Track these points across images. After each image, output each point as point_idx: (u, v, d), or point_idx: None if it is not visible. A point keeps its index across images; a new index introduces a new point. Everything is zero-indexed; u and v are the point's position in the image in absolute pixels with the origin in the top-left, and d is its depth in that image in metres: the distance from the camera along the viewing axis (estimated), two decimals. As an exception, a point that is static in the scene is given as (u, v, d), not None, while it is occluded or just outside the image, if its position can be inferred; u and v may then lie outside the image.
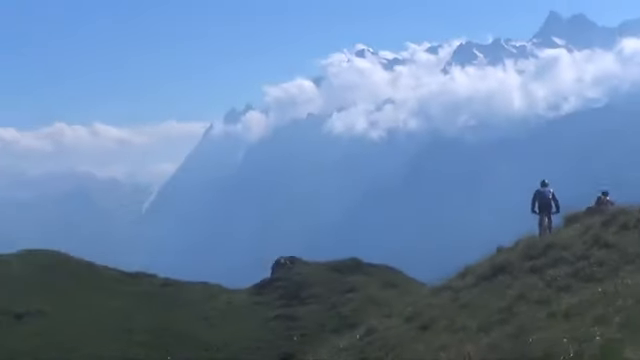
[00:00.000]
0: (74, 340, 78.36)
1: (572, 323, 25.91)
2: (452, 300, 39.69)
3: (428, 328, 34.97)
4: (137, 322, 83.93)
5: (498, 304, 34.68)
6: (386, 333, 37.29)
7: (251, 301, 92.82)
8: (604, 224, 41.13)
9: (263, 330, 79.25)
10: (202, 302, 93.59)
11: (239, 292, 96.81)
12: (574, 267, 36.53)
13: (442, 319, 36.15)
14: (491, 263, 41.97)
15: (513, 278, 38.40)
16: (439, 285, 46.55)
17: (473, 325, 33.15)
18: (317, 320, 75.99)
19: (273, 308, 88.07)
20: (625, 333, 22.81)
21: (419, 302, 44.75)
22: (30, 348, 77.91)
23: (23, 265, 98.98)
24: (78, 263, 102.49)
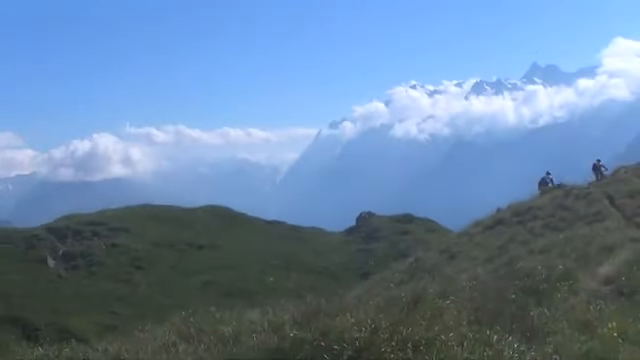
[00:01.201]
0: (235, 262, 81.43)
1: (544, 256, 25.59)
2: (468, 240, 40.80)
3: (454, 258, 36.43)
4: (272, 252, 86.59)
5: (497, 244, 36.03)
6: (427, 261, 38.67)
7: (343, 240, 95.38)
8: (565, 195, 42.66)
9: (350, 258, 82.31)
10: (313, 240, 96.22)
11: (336, 234, 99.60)
12: (545, 221, 38.01)
13: (462, 252, 37.58)
14: (493, 218, 43.32)
15: (507, 228, 39.83)
16: (460, 231, 47.50)
17: (481, 257, 34.12)
18: (384, 252, 78.54)
19: (357, 245, 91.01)
20: (578, 264, 22.93)
21: (448, 242, 45.81)
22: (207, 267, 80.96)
23: (204, 214, 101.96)
24: (237, 214, 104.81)
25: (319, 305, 13.41)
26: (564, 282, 18.83)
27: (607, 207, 37.56)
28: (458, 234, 47.70)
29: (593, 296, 18.40)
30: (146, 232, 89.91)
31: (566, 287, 18.22)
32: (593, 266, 22.85)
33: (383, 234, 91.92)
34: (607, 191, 41.28)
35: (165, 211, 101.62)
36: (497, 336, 10.66)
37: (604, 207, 37.63)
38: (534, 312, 13.78)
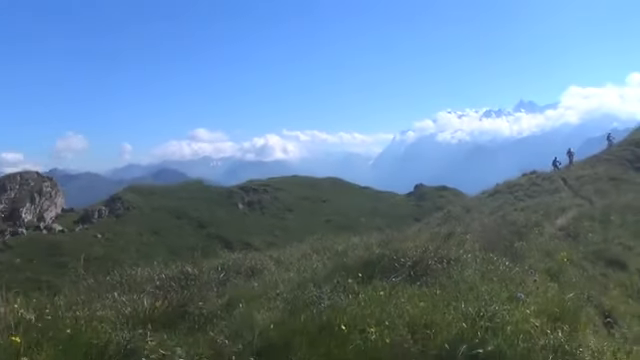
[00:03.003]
0: (343, 210, 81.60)
1: (524, 212, 25.00)
2: (479, 202, 40.18)
3: (469, 212, 35.78)
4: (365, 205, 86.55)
5: (495, 204, 35.41)
6: (454, 213, 38.20)
7: (405, 200, 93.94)
8: (537, 177, 42.06)
9: (410, 210, 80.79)
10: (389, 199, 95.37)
11: (402, 196, 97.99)
12: (525, 192, 37.31)
13: (475, 209, 36.87)
14: (494, 189, 42.52)
15: (502, 195, 39.12)
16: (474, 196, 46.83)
17: (486, 212, 33.03)
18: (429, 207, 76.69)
19: (413, 202, 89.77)
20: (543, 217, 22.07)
21: (467, 202, 45.22)
22: (328, 212, 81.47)
23: (327, 182, 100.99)
24: (345, 182, 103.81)
25: (392, 235, 13.45)
26: (535, 228, 18.68)
27: (562, 185, 36.97)
28: (473, 198, 47.18)
29: (552, 236, 18.21)
30: (294, 191, 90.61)
31: (536, 231, 18.02)
32: (552, 219, 22.50)
33: (428, 197, 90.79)
34: (562, 176, 40.70)
35: (305, 180, 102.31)
36: (496, 257, 10.60)
37: (560, 185, 37.06)
38: (517, 244, 13.67)
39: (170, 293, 7.52)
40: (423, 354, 5.51)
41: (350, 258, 10.04)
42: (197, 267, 9.66)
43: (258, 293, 7.54)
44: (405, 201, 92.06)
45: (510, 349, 5.82)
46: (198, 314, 6.44)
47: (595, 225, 20.98)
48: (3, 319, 5.96)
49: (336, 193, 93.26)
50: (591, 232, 19.51)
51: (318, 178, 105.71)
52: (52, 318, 5.89)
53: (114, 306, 6.89)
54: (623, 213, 23.52)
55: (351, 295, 7.19)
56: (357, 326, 5.86)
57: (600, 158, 46.27)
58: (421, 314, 6.52)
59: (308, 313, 6.25)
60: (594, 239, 18.55)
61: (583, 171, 41.55)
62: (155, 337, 5.35)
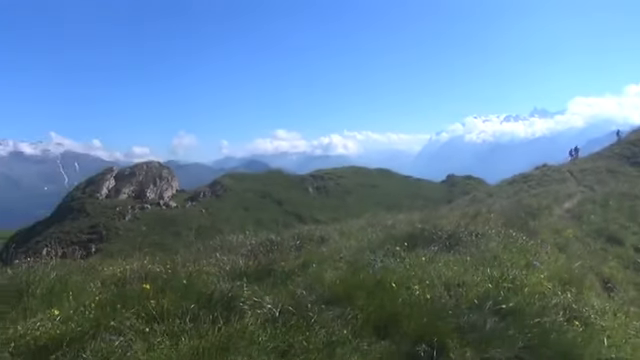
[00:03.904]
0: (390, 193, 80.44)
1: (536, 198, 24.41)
2: (499, 189, 39.08)
3: (491, 196, 34.74)
4: (406, 190, 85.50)
5: (513, 191, 34.39)
6: (478, 197, 37.33)
7: (439, 186, 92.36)
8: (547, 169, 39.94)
9: (443, 194, 78.86)
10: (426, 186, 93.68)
11: (437, 183, 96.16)
12: (537, 182, 35.75)
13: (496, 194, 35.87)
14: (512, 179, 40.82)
15: (518, 184, 37.76)
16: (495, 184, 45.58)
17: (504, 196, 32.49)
18: (458, 192, 74.81)
19: (446, 188, 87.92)
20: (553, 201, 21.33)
21: (489, 189, 44.02)
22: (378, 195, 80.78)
23: (378, 172, 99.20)
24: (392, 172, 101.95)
25: (430, 214, 13.24)
26: (546, 210, 18.09)
27: (568, 176, 35.41)
28: (494, 186, 45.79)
29: (560, 217, 17.68)
30: (352, 178, 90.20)
31: (547, 212, 17.50)
32: (560, 203, 21.67)
33: (458, 184, 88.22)
34: (569, 169, 39.00)
35: (361, 170, 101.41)
36: (514, 233, 10.30)
37: (567, 176, 35.48)
38: (532, 223, 13.27)
39: (259, 255, 7.65)
40: (457, 307, 5.43)
41: (397, 231, 10.00)
42: (279, 235, 9.79)
43: (326, 256, 7.56)
44: (439, 187, 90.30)
45: (528, 306, 5.72)
46: (280, 272, 6.50)
47: (596, 208, 20.23)
48: (137, 271, 6.20)
49: (384, 181, 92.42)
50: (593, 214, 18.81)
51: (370, 169, 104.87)
52: (172, 271, 6.07)
53: (217, 264, 7.04)
54: (620, 199, 22.62)
55: (398, 259, 7.21)
56: (404, 284, 5.84)
57: (601, 155, 44.24)
58: (455, 276, 6.49)
59: (365, 272, 6.26)
60: (595, 220, 17.90)
61: (586, 165, 39.82)
62: (249, 288, 5.43)
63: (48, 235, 63.17)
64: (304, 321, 4.71)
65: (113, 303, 4.81)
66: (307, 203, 77.06)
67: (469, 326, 5.04)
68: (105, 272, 6.79)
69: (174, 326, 4.39)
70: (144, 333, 4.23)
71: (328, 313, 4.94)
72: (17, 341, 4.07)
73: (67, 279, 5.74)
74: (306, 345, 4.26)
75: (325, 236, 10.22)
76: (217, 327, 4.35)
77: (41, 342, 4.06)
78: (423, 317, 4.99)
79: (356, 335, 4.62)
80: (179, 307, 4.70)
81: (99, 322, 4.33)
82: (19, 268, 5.72)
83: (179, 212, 69.91)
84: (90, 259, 9.61)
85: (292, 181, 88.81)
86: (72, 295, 5.23)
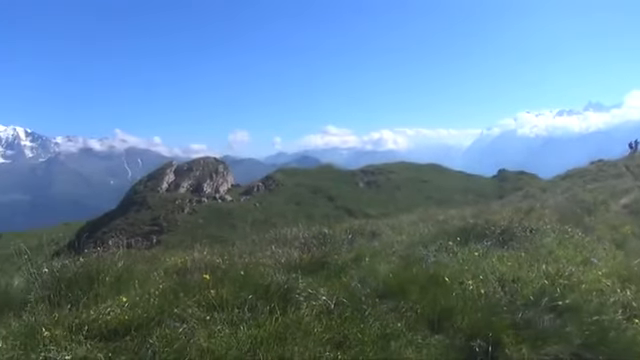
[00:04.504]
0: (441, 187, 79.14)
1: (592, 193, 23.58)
2: (553, 184, 37.75)
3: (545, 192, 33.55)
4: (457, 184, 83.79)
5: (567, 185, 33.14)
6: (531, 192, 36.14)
7: (491, 181, 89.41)
8: (603, 164, 38.38)
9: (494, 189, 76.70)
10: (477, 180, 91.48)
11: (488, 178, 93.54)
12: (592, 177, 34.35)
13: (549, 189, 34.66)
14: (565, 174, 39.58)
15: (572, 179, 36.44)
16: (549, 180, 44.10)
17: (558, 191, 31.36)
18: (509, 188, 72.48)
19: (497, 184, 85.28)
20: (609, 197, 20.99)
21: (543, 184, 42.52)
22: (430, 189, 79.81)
23: (429, 167, 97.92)
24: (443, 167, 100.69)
25: (482, 209, 12.92)
26: (602, 205, 17.31)
27: (625, 171, 33.82)
28: (547, 181, 44.27)
29: (617, 213, 16.87)
30: (402, 173, 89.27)
31: (603, 208, 16.72)
32: (617, 198, 20.69)
33: (509, 180, 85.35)
34: (625, 163, 37.21)
35: (411, 165, 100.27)
36: (570, 229, 9.88)
37: (623, 171, 33.89)
38: (587, 219, 12.72)
39: (312, 248, 7.68)
40: (512, 303, 5.27)
41: (449, 226, 9.83)
42: (331, 229, 9.80)
43: (378, 250, 7.55)
44: (490, 183, 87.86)
45: (585, 304, 5.44)
46: (334, 264, 6.52)
47: (655, 204, 19.22)
48: (197, 262, 6.35)
49: (435, 176, 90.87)
50: (651, 210, 17.90)
51: (421, 164, 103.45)
52: (230, 263, 6.18)
53: (272, 256, 7.14)
54: (681, 195, 21.40)
55: (451, 254, 7.08)
56: (457, 279, 5.73)
57: (661, 149, 42.22)
58: (509, 271, 6.30)
59: (418, 267, 6.20)
60: (654, 216, 17.01)
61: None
62: (304, 280, 5.47)
63: (114, 226, 65.71)
64: (358, 313, 4.69)
65: (175, 292, 4.97)
66: (357, 198, 76.85)
67: (525, 322, 4.88)
68: (167, 262, 7.01)
69: (233, 315, 4.47)
70: (205, 321, 4.33)
71: (382, 306, 4.92)
72: (90, 325, 4.22)
73: (133, 268, 5.95)
74: (361, 337, 4.25)
75: (377, 230, 10.19)
76: (274, 317, 4.40)
77: (111, 326, 4.22)
78: (477, 312, 4.87)
79: (410, 328, 4.57)
80: (237, 297, 4.78)
81: (163, 309, 4.47)
82: (89, 257, 5.94)
83: (234, 206, 71.19)
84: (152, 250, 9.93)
85: (343, 176, 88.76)
86: (138, 283, 5.42)
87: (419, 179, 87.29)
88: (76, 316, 4.41)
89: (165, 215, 66.80)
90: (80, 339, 4.05)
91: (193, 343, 3.90)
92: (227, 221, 63.74)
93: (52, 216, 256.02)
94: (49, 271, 5.45)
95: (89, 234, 63.54)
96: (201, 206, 70.46)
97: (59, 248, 39.88)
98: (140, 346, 3.92)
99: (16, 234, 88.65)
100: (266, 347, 3.93)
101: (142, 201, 71.58)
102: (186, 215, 67.49)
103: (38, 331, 4.09)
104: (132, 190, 79.40)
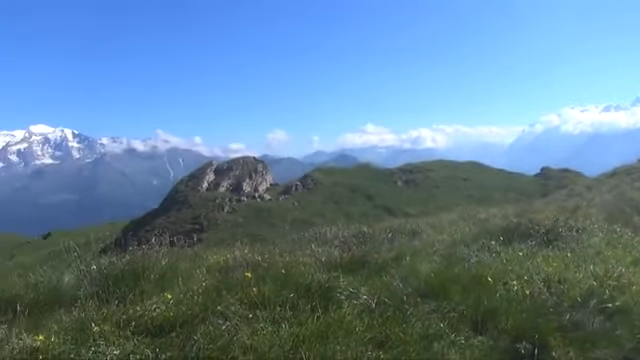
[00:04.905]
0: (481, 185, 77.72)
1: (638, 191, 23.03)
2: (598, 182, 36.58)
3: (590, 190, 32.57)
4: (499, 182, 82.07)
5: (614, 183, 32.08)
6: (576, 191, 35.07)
7: (533, 179, 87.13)
8: None
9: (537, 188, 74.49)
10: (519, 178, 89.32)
11: (530, 176, 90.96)
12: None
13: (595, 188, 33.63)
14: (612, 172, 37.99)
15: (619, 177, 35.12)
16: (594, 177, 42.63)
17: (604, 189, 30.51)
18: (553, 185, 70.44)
19: (540, 181, 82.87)
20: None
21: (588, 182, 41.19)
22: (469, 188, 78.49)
23: (468, 164, 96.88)
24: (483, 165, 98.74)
25: (525, 208, 12.61)
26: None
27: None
28: (593, 179, 42.76)
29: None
30: (441, 172, 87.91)
31: (651, 206, 16.06)
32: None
33: (553, 178, 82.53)
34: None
35: (450, 163, 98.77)
36: (618, 228, 9.51)
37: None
38: (636, 218, 12.22)
39: (352, 247, 7.67)
40: (558, 305, 5.12)
41: (491, 225, 9.65)
42: (370, 228, 9.77)
43: (419, 249, 7.47)
44: (533, 181, 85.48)
45: (636, 306, 5.23)
46: (374, 263, 6.49)
47: None
48: (238, 260, 6.42)
49: (475, 174, 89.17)
50: None
51: (460, 162, 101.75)
52: (270, 261, 6.23)
53: (312, 255, 7.15)
54: None
55: (494, 254, 6.94)
56: (501, 279, 5.61)
57: None
58: (555, 272, 6.10)
59: (460, 266, 6.12)
60: None
61: (698, 155, 36.39)
62: (344, 279, 5.46)
63: (156, 225, 67.26)
64: (400, 313, 4.65)
65: (218, 289, 5.04)
66: (396, 196, 76.25)
67: (572, 325, 4.74)
68: (209, 260, 7.14)
69: (275, 313, 4.49)
70: (248, 319, 4.38)
71: (424, 306, 4.86)
72: (137, 321, 4.36)
73: (176, 266, 6.08)
74: (403, 337, 4.20)
75: (417, 229, 10.08)
76: (316, 316, 4.40)
77: (157, 323, 4.33)
78: (522, 313, 4.76)
79: (453, 329, 4.50)
80: (279, 295, 4.81)
81: (207, 306, 4.54)
82: (135, 255, 6.10)
83: (273, 205, 71.72)
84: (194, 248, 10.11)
85: (381, 175, 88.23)
86: (181, 280, 5.53)
87: (459, 177, 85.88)
88: (123, 312, 4.53)
89: (206, 214, 67.89)
90: (127, 335, 4.16)
91: (236, 340, 3.95)
92: (266, 220, 64.30)
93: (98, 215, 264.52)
94: (97, 268, 5.63)
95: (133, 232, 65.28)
96: (240, 205, 71.29)
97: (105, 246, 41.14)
98: (185, 342, 3.97)
99: (65, 232, 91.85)
100: (308, 345, 3.93)
101: (183, 200, 72.98)
102: (226, 214, 68.40)
103: (88, 326, 4.23)
104: (174, 190, 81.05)
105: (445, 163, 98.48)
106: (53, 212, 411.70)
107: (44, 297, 5.12)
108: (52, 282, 5.48)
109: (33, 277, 5.73)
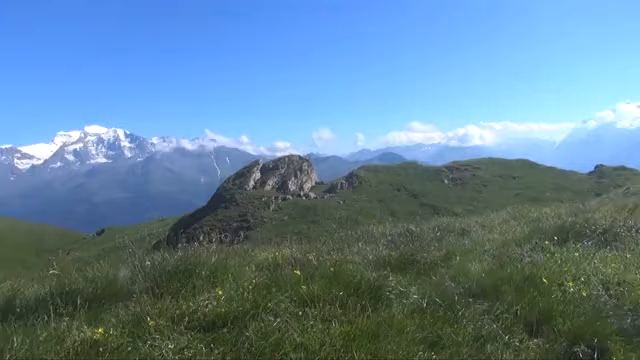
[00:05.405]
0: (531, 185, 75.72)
1: None
2: None
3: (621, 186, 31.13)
4: (549, 180, 79.45)
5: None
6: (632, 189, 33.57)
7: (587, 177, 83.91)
8: None
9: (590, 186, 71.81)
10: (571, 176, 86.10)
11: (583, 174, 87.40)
12: None
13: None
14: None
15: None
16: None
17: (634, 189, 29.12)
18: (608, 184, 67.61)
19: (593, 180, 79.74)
20: None
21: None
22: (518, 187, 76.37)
23: (518, 162, 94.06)
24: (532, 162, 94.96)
25: (580, 206, 12.17)
26: None
27: None
28: None
29: None
30: (489, 169, 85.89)
31: None
32: None
33: (608, 175, 79.03)
34: None
35: (499, 161, 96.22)
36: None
37: None
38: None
39: (400, 246, 7.59)
40: (618, 308, 4.91)
41: (544, 224, 9.35)
42: (418, 227, 9.66)
43: (469, 249, 7.33)
44: (586, 179, 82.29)
45: None
46: (423, 262, 6.41)
47: None
48: (288, 258, 6.47)
49: (525, 172, 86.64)
50: None
51: (509, 159, 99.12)
52: (318, 259, 6.24)
53: (360, 253, 7.12)
54: None
55: (548, 254, 6.70)
56: (556, 280, 5.41)
57: None
58: (613, 273, 5.86)
59: (512, 267, 5.96)
60: None
61: None
62: (393, 278, 5.41)
63: (204, 222, 68.74)
64: (452, 313, 4.58)
65: (268, 286, 5.09)
66: (442, 195, 75.18)
67: (634, 329, 4.54)
68: (258, 257, 7.20)
69: (325, 311, 4.49)
70: (298, 316, 4.40)
71: (476, 307, 4.77)
72: (190, 316, 4.44)
73: (226, 263, 6.15)
74: (455, 338, 4.13)
75: (466, 228, 9.90)
76: (366, 315, 4.38)
77: (209, 318, 4.41)
78: (580, 316, 4.60)
79: (506, 331, 4.38)
80: (328, 293, 4.80)
81: (257, 303, 4.59)
82: (187, 251, 6.22)
83: (318, 203, 72.02)
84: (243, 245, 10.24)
85: (427, 173, 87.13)
86: (232, 277, 5.60)
87: (508, 175, 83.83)
88: (177, 307, 4.64)
89: (252, 212, 68.87)
90: (181, 329, 4.26)
91: (287, 337, 3.97)
92: (311, 218, 64.67)
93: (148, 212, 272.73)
94: (151, 264, 5.77)
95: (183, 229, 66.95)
96: (286, 203, 71.91)
97: (157, 242, 42.36)
98: (237, 338, 4.02)
99: (118, 228, 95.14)
100: (359, 344, 3.91)
101: (231, 198, 74.21)
102: (272, 212, 69.16)
103: (144, 320, 4.37)
104: (221, 188, 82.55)
105: (494, 161, 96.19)
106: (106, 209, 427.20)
107: (102, 291, 5.28)
108: (109, 277, 5.66)
109: (91, 272, 5.92)
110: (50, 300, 4.92)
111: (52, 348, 3.95)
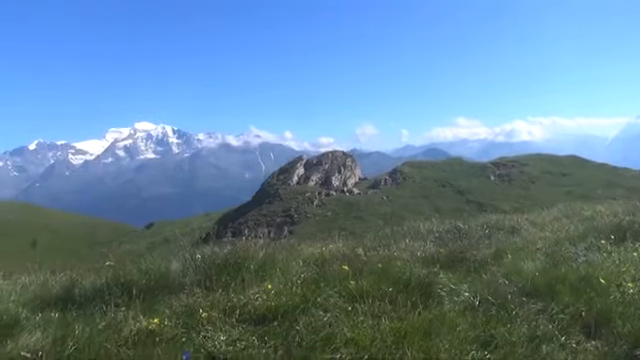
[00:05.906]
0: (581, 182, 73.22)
1: None
2: None
3: None
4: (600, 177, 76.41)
5: None
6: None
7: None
8: None
9: None
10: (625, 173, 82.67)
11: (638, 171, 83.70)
12: None
13: None
14: None
15: None
16: None
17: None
18: None
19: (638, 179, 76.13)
20: None
21: None
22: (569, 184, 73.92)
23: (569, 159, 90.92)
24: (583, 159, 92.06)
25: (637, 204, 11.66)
26: None
27: None
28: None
29: None
30: (537, 166, 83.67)
31: None
32: None
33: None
34: None
35: (547, 157, 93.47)
36: None
37: None
38: None
39: (448, 242, 7.47)
40: (682, 311, 4.65)
41: (599, 222, 8.97)
42: (465, 224, 9.46)
43: (520, 247, 7.14)
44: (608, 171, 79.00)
45: None
46: (472, 260, 6.30)
47: None
48: (335, 253, 6.47)
49: (575, 168, 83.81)
50: None
51: (559, 156, 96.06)
52: (366, 255, 6.22)
53: (407, 249, 7.05)
54: None
55: (604, 254, 6.44)
56: (614, 281, 5.20)
57: None
58: (678, 276, 5.55)
59: (567, 266, 5.77)
60: None
61: None
62: (444, 275, 5.35)
63: (249, 217, 69.71)
64: (505, 312, 4.48)
65: (316, 281, 5.12)
66: (489, 191, 73.74)
67: (699, 334, 4.31)
68: (304, 252, 7.23)
69: (374, 307, 4.48)
70: (347, 311, 4.39)
71: (530, 306, 4.64)
72: (241, 309, 4.52)
73: (274, 257, 6.20)
74: (509, 337, 4.03)
75: (515, 226, 9.62)
76: (417, 311, 4.34)
77: (260, 312, 4.47)
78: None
79: (562, 332, 4.25)
80: (377, 289, 4.79)
81: (306, 298, 4.61)
82: (235, 245, 6.31)
83: (361, 199, 71.88)
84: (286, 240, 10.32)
85: (472, 169, 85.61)
86: (280, 271, 5.65)
87: (557, 172, 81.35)
88: (228, 300, 4.72)
89: (296, 207, 69.37)
90: (233, 322, 4.33)
91: (338, 332, 3.97)
92: (354, 213, 64.60)
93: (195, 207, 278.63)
94: (201, 257, 5.89)
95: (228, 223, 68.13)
96: (329, 199, 72.11)
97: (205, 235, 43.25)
98: (288, 332, 4.06)
99: (166, 222, 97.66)
100: (410, 341, 3.87)
101: (275, 193, 74.99)
102: (315, 207, 69.52)
103: (196, 312, 4.47)
104: (265, 183, 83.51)
105: (542, 157, 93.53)
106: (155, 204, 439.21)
107: (155, 283, 5.41)
108: (161, 269, 5.79)
109: (144, 264, 6.08)
110: (107, 290, 5.10)
111: (111, 337, 4.07)
